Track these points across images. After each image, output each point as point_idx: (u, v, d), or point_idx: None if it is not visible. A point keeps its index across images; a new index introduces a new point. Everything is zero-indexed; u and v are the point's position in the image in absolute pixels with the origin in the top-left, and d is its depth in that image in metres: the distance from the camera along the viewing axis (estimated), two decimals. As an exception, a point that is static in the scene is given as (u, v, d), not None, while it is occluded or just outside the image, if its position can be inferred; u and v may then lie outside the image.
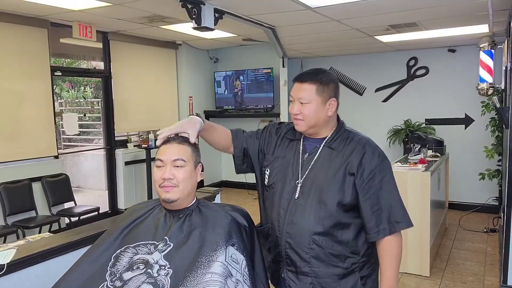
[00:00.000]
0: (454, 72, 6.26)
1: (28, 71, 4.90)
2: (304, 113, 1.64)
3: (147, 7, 4.34)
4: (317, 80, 1.63)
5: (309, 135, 1.71)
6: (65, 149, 8.43)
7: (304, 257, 1.61)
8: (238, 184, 7.85)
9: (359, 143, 1.64)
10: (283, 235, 1.65)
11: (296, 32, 5.28)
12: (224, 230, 1.50)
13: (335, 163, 1.63)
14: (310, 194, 1.62)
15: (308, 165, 1.67)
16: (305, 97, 1.63)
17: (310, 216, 1.61)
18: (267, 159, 1.79)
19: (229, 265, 1.44)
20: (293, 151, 1.73)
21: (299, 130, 1.68)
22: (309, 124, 1.65)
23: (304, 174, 1.66)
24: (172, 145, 1.54)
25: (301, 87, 1.64)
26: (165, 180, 1.49)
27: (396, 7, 4.10)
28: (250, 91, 7.37)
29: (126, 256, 1.47)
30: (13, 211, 4.60)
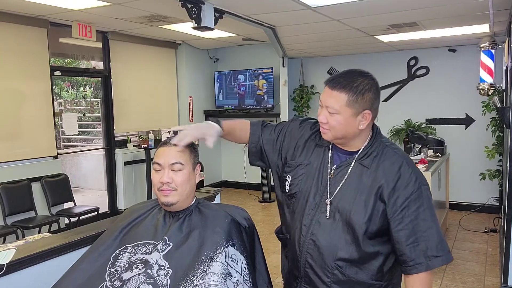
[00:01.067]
0: (454, 72, 6.25)
1: (27, 71, 4.89)
2: (331, 123, 1.44)
3: (147, 6, 4.34)
4: (351, 89, 1.40)
5: (339, 145, 1.53)
6: (64, 149, 8.42)
7: (324, 281, 1.49)
8: (238, 184, 7.85)
9: (394, 163, 1.45)
10: (303, 253, 1.52)
11: (296, 31, 5.27)
12: (224, 230, 1.49)
13: (366, 184, 1.45)
14: (337, 215, 1.47)
15: (338, 182, 1.49)
16: (333, 107, 1.42)
17: (336, 239, 1.46)
18: (289, 164, 1.60)
19: (229, 265, 1.43)
20: (320, 159, 1.54)
21: (325, 138, 1.51)
22: (335, 135, 1.46)
23: (334, 192, 1.48)
24: (170, 148, 1.51)
25: (331, 93, 1.43)
26: (164, 184, 1.48)
27: (396, 7, 4.09)
28: (250, 91, 7.37)
29: (125, 256, 1.46)
30: (13, 211, 4.59)
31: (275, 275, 4.02)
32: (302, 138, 1.60)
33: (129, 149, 6.33)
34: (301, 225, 1.53)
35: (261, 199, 7.03)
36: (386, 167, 1.45)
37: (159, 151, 1.54)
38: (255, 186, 7.50)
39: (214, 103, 7.73)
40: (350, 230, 1.45)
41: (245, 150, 6.70)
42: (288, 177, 1.58)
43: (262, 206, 6.82)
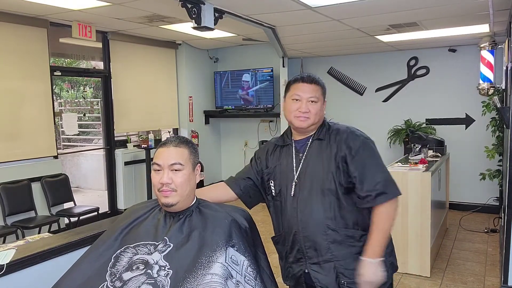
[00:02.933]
0: (454, 72, 6.25)
1: (27, 71, 4.89)
2: (313, 111, 1.77)
3: (147, 6, 4.33)
4: (320, 83, 1.82)
5: (299, 136, 1.85)
6: (64, 149, 8.42)
7: (323, 245, 1.73)
8: (238, 184, 7.84)
9: (342, 131, 1.79)
10: (299, 232, 1.76)
11: (296, 32, 5.27)
12: (224, 231, 1.50)
13: (327, 152, 1.76)
14: (312, 186, 1.75)
15: (301, 161, 1.80)
16: (315, 96, 1.78)
17: (318, 205, 1.73)
18: (267, 172, 1.90)
19: (229, 266, 1.43)
20: (287, 154, 1.85)
21: (302, 126, 1.78)
22: (314, 121, 1.78)
23: (298, 170, 1.79)
24: (169, 148, 1.51)
25: (310, 86, 1.78)
26: (164, 184, 1.48)
27: (397, 7, 4.09)
28: (250, 91, 7.37)
29: (126, 256, 1.46)
30: (13, 211, 4.59)
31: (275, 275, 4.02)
32: (267, 151, 1.93)
33: (129, 149, 6.33)
34: (290, 210, 1.79)
35: (261, 199, 7.02)
36: (338, 135, 1.78)
37: (158, 151, 1.53)
38: (255, 186, 7.49)
39: (214, 103, 7.73)
40: (327, 192, 1.73)
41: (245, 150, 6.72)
42: (271, 182, 1.87)
43: (262, 206, 6.79)
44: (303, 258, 1.78)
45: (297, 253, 1.79)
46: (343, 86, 7.04)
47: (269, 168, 1.89)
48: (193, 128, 7.34)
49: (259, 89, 7.30)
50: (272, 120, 7.52)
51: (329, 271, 1.73)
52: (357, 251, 1.72)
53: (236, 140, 7.91)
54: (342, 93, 7.04)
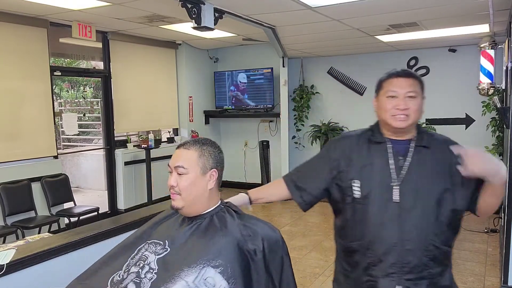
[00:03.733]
0: (454, 72, 6.25)
1: (27, 71, 4.89)
2: (413, 108, 1.59)
3: (147, 6, 4.33)
4: (418, 77, 1.65)
5: (396, 135, 1.64)
6: (64, 149, 8.42)
7: (422, 261, 1.56)
8: (238, 184, 7.84)
9: (445, 140, 1.66)
10: (399, 244, 1.56)
11: (296, 31, 5.27)
12: (213, 247, 1.35)
13: (434, 162, 1.59)
14: (420, 196, 1.56)
15: (404, 166, 1.59)
16: (415, 91, 1.60)
17: (425, 217, 1.55)
18: (348, 170, 1.66)
19: (192, 285, 1.30)
20: (381, 154, 1.63)
21: (401, 126, 1.59)
22: (414, 120, 1.60)
23: (402, 175, 1.58)
24: (180, 150, 1.46)
25: (407, 81, 1.61)
26: (171, 187, 1.45)
27: (397, 7, 4.09)
28: (250, 91, 7.37)
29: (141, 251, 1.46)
30: (13, 211, 4.59)
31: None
32: (349, 146, 1.70)
33: (129, 149, 6.33)
34: (383, 218, 1.57)
35: (261, 199, 7.02)
36: (441, 142, 1.63)
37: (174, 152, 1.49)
38: (255, 186, 7.45)
39: (214, 103, 7.73)
40: (437, 205, 1.55)
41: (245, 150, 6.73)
42: (354, 182, 1.63)
43: (262, 206, 6.81)
44: (396, 273, 1.57)
45: (390, 267, 1.57)
46: (343, 86, 7.04)
47: (354, 166, 1.65)
48: (193, 128, 7.34)
49: (259, 89, 7.30)
50: (272, 120, 7.52)
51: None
52: (444, 269, 1.61)
53: (236, 140, 7.91)
54: (342, 93, 7.04)
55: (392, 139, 1.64)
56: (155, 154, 6.42)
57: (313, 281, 3.90)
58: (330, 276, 3.97)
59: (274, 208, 6.68)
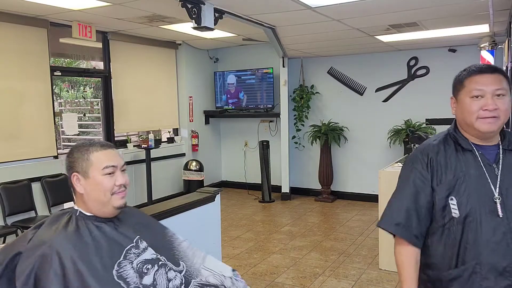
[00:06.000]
0: (454, 72, 6.08)
1: (27, 71, 4.89)
2: (502, 108, 1.37)
3: (147, 6, 4.34)
4: (504, 72, 1.42)
5: (482, 141, 1.45)
6: (64, 149, 8.39)
7: (505, 284, 1.35)
8: (238, 184, 7.84)
9: None
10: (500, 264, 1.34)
11: (296, 32, 5.27)
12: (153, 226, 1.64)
13: None
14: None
15: (498, 175, 1.40)
16: (503, 88, 1.37)
17: None
18: (442, 187, 1.43)
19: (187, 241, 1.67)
20: (473, 163, 1.42)
21: (492, 129, 1.39)
22: (503, 122, 1.39)
23: (498, 185, 1.38)
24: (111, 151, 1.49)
25: (492, 76, 1.39)
26: (124, 185, 1.47)
27: (397, 7, 4.09)
28: (250, 91, 7.37)
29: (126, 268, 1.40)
30: (13, 211, 4.59)
31: (275, 275, 4.03)
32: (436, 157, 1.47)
33: (129, 149, 6.33)
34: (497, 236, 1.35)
35: (261, 199, 7.02)
36: None
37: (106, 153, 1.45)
38: (255, 186, 7.50)
39: (214, 103, 7.73)
40: None
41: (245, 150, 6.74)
42: (452, 199, 1.41)
43: (262, 206, 6.81)
44: None
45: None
46: (343, 86, 7.04)
47: (447, 180, 1.42)
48: (193, 128, 7.34)
49: (259, 89, 7.30)
50: (272, 120, 7.52)
51: None
52: None
53: (236, 140, 7.91)
54: (342, 93, 7.04)
55: (479, 145, 1.44)
56: (155, 154, 6.42)
57: (313, 281, 3.90)
58: (330, 276, 3.98)
59: (274, 208, 6.68)
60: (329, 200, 6.92)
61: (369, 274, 4.03)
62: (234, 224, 5.76)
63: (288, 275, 4.02)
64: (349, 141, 7.01)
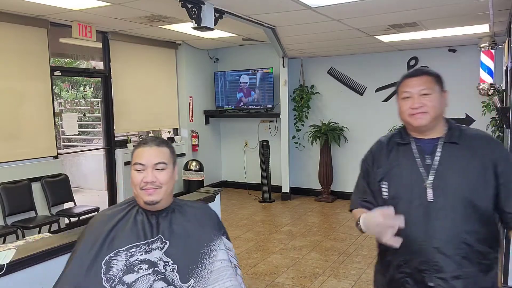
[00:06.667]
0: (454, 72, 6.25)
1: (27, 71, 4.89)
2: (428, 104, 1.61)
3: (147, 6, 4.34)
4: (432, 73, 1.66)
5: (422, 134, 1.67)
6: (64, 149, 8.42)
7: (455, 259, 1.57)
8: (238, 184, 7.85)
9: (481, 136, 1.64)
10: (429, 242, 1.58)
11: (296, 32, 5.27)
12: (214, 222, 1.63)
13: (465, 159, 1.59)
14: (450, 194, 1.58)
15: (432, 164, 1.62)
16: (427, 88, 1.61)
17: (457, 216, 1.57)
18: (378, 173, 1.72)
19: (227, 252, 1.59)
20: (408, 155, 1.67)
21: (420, 124, 1.62)
22: (433, 116, 1.62)
23: (432, 174, 1.61)
24: (152, 148, 1.55)
25: (417, 79, 1.63)
26: (148, 183, 1.51)
27: (397, 7, 4.09)
28: (250, 91, 7.37)
29: (119, 260, 1.45)
30: (13, 211, 4.59)
31: (275, 275, 4.03)
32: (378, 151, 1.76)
33: (129, 149, 6.33)
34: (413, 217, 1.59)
35: (261, 199, 7.03)
36: (477, 140, 1.61)
37: (139, 151, 1.55)
38: (255, 186, 7.50)
39: (214, 103, 7.73)
40: (468, 202, 1.56)
41: (245, 150, 6.73)
42: (383, 184, 1.69)
43: (262, 206, 6.82)
44: (428, 270, 1.60)
45: (421, 264, 1.61)
46: (343, 86, 7.04)
47: (382, 168, 1.71)
48: (193, 128, 7.34)
49: (259, 89, 7.30)
50: (272, 120, 7.53)
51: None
52: (483, 269, 1.60)
53: (236, 140, 7.91)
54: (342, 93, 7.04)
55: (418, 139, 1.67)
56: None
57: (313, 281, 3.91)
58: (330, 276, 3.98)
59: (274, 208, 6.68)
60: (329, 200, 6.92)
61: (369, 274, 4.03)
62: (234, 224, 5.76)
63: (288, 275, 4.02)
64: (349, 141, 7.01)
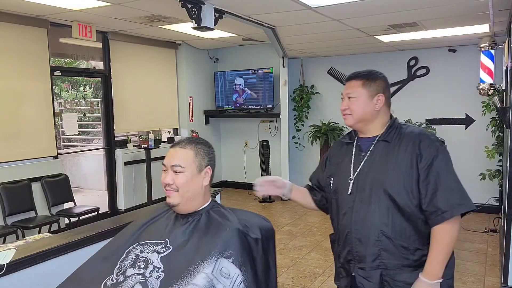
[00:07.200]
0: (454, 72, 6.25)
1: (27, 71, 4.89)
2: (352, 107, 1.73)
3: (147, 6, 4.34)
4: (364, 76, 1.74)
5: (362, 133, 1.79)
6: (64, 149, 8.42)
7: (373, 251, 1.65)
8: (238, 184, 7.84)
9: (414, 135, 1.68)
10: (352, 233, 1.70)
11: (296, 32, 5.27)
12: (222, 240, 1.42)
13: (393, 155, 1.67)
14: (372, 188, 1.67)
15: (362, 160, 1.73)
16: (353, 92, 1.73)
17: (375, 209, 1.65)
18: (328, 168, 1.89)
19: (215, 278, 1.35)
20: (349, 152, 1.81)
21: (347, 124, 1.77)
22: (358, 118, 1.73)
23: (357, 170, 1.73)
24: (175, 149, 1.52)
25: (350, 83, 1.76)
26: (166, 184, 1.50)
27: (396, 7, 4.09)
28: (250, 91, 7.37)
29: (134, 252, 1.48)
30: (13, 211, 4.59)
31: (275, 275, 4.02)
32: (334, 149, 1.93)
33: (129, 149, 6.33)
34: (344, 209, 1.74)
35: (261, 199, 7.03)
36: (408, 138, 1.67)
37: (168, 151, 1.55)
38: (255, 186, 7.48)
39: (214, 103, 7.73)
40: (388, 197, 1.63)
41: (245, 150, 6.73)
42: (331, 178, 1.84)
43: (262, 206, 6.82)
44: (352, 260, 1.71)
45: (348, 254, 1.73)
46: (343, 86, 7.01)
47: (332, 164, 1.88)
48: (193, 128, 7.34)
49: (259, 89, 7.29)
50: (272, 120, 7.52)
51: (375, 279, 1.65)
52: (409, 264, 1.63)
53: (236, 140, 7.91)
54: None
55: (360, 138, 1.80)
56: (155, 154, 6.42)
57: (313, 281, 3.91)
58: (330, 276, 3.98)
59: (274, 208, 6.68)
60: (329, 200, 6.92)
61: (369, 274, 4.03)
62: (234, 224, 5.76)
63: (288, 275, 4.02)
64: (349, 141, 7.01)
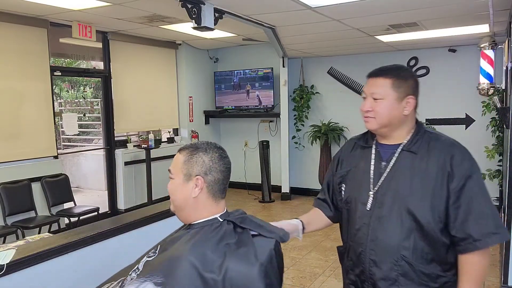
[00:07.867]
0: (454, 72, 6.25)
1: (27, 71, 4.89)
2: (376, 109, 1.49)
3: (147, 6, 4.34)
4: (395, 75, 1.49)
5: (384, 139, 1.55)
6: (64, 149, 8.42)
7: (390, 276, 1.45)
8: (238, 184, 7.84)
9: (447, 146, 1.49)
10: (366, 252, 1.49)
11: (296, 32, 5.27)
12: (170, 263, 1.20)
13: (420, 170, 1.45)
14: (394, 205, 1.46)
15: (384, 172, 1.51)
16: (378, 92, 1.48)
17: (397, 229, 1.44)
18: (339, 174, 1.65)
19: None
20: (366, 159, 1.57)
21: (369, 128, 1.54)
22: (382, 122, 1.49)
23: (379, 183, 1.50)
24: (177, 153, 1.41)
25: (375, 81, 1.50)
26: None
27: (396, 7, 4.09)
28: (250, 91, 7.37)
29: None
30: (13, 211, 4.59)
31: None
32: (345, 150, 1.69)
33: (129, 149, 6.33)
34: (359, 224, 1.52)
35: (261, 199, 7.03)
36: (438, 150, 1.46)
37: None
38: (255, 186, 7.49)
39: (214, 103, 7.73)
40: (412, 217, 1.43)
41: (245, 150, 6.74)
42: (342, 186, 1.63)
43: (262, 206, 6.81)
44: (366, 281, 1.52)
45: (361, 274, 1.53)
46: (343, 86, 7.04)
47: (343, 169, 1.64)
48: (193, 128, 7.34)
49: (259, 89, 7.29)
50: (272, 120, 7.52)
51: None
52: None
53: (236, 140, 7.91)
54: (342, 93, 7.04)
55: (380, 143, 1.57)
56: (155, 154, 6.42)
57: (313, 281, 3.90)
58: (330, 276, 3.98)
59: (274, 208, 6.68)
60: (329, 200, 6.91)
61: (369, 274, 4.03)
62: (234, 224, 5.76)
63: (288, 275, 4.02)
64: (349, 141, 7.01)
